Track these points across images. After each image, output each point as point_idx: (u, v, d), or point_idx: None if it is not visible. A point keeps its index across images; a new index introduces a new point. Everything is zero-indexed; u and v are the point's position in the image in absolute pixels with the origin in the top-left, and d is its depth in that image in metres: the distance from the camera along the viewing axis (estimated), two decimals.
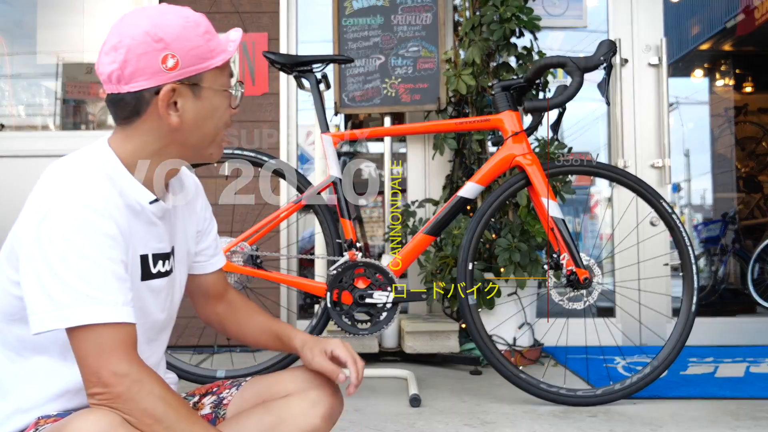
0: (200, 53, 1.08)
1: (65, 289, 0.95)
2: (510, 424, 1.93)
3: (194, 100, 1.09)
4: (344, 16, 3.21)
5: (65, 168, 1.04)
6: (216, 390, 1.29)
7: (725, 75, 6.71)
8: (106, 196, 1.02)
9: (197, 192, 1.32)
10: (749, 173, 6.22)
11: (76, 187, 1.00)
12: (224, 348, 3.08)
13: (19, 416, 1.06)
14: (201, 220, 1.32)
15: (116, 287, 0.98)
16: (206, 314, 1.40)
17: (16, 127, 3.67)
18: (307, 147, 4.97)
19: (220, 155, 1.19)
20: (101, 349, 0.96)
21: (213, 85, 1.11)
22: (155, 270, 1.14)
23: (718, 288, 5.35)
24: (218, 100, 1.12)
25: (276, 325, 1.36)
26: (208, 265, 1.35)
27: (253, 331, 1.37)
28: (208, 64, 1.09)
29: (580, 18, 3.49)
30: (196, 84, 1.09)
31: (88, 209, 0.98)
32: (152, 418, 0.96)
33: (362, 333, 2.20)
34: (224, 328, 1.40)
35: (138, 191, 1.10)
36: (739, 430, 1.86)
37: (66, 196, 0.99)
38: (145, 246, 1.12)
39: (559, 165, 2.26)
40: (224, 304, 1.40)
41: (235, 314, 1.39)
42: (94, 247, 0.97)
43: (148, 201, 1.11)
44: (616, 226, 3.32)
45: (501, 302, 2.75)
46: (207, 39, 1.09)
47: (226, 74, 1.13)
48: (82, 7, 3.61)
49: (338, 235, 2.32)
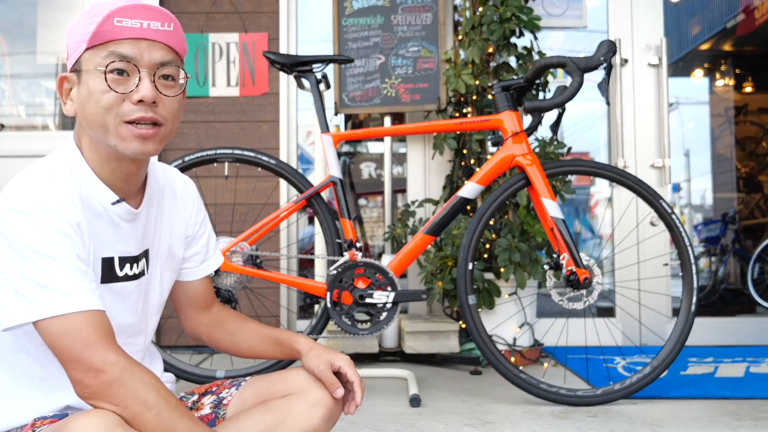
0: (79, 38, 1.05)
1: (31, 284, 0.95)
2: (510, 424, 1.93)
3: (78, 87, 1.07)
4: (344, 16, 3.21)
5: (27, 171, 1.05)
6: (215, 390, 1.28)
7: (725, 75, 6.71)
8: (57, 196, 1.02)
9: (187, 195, 1.29)
10: (749, 173, 6.22)
11: (27, 189, 1.01)
12: None
13: (12, 413, 1.07)
14: (191, 225, 1.30)
15: (80, 278, 0.99)
16: (192, 325, 1.36)
17: (16, 127, 3.67)
18: (307, 147, 4.97)
19: (129, 150, 1.06)
20: (85, 339, 0.95)
21: (88, 66, 1.05)
22: (122, 273, 1.13)
23: (718, 288, 5.34)
24: (93, 81, 1.04)
25: (275, 330, 1.33)
26: (198, 271, 1.33)
27: (248, 339, 1.34)
28: (82, 47, 1.05)
29: (580, 18, 3.49)
30: (77, 70, 1.07)
31: (38, 210, 0.99)
32: (144, 406, 0.95)
33: (362, 333, 2.20)
34: (214, 339, 1.36)
35: (99, 191, 1.09)
36: (739, 430, 1.86)
37: (18, 198, 1.00)
38: (109, 248, 1.11)
39: (559, 165, 2.26)
40: (210, 315, 1.36)
41: (225, 324, 1.35)
42: (50, 245, 0.98)
43: (110, 202, 1.09)
44: (616, 226, 3.32)
45: (501, 302, 2.75)
46: (90, 22, 1.04)
47: (103, 54, 1.03)
48: (82, 7, 3.60)
49: (338, 235, 2.32)
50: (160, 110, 1.07)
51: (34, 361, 1.07)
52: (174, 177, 1.28)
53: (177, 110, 1.11)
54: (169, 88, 1.08)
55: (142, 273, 1.18)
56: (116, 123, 1.04)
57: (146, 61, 1.05)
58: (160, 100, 1.07)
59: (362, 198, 6.14)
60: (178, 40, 1.10)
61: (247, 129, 3.31)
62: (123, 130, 1.05)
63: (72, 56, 1.07)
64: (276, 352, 1.32)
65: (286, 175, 2.37)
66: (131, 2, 1.04)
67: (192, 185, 1.32)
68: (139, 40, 1.04)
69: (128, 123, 1.04)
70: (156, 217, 1.22)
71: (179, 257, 1.29)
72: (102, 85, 1.03)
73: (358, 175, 6.17)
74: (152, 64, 1.05)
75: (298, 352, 1.26)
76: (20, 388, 1.08)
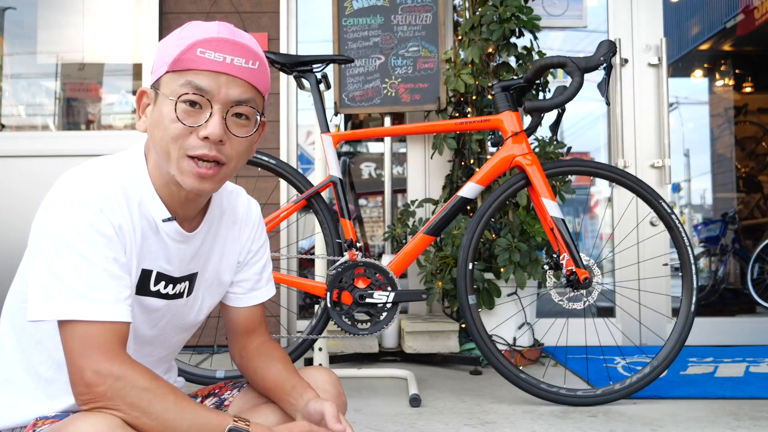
0: (164, 58, 1.03)
1: (58, 282, 0.95)
2: (510, 424, 1.93)
3: (153, 106, 1.05)
4: (344, 16, 3.21)
5: (88, 164, 1.05)
6: (218, 391, 1.29)
7: (725, 75, 6.72)
8: (106, 195, 1.01)
9: (247, 220, 1.24)
10: (749, 173, 6.23)
11: (78, 183, 1.01)
12: (224, 348, 3.08)
13: (17, 409, 1.07)
14: (245, 252, 1.25)
15: (109, 285, 0.98)
16: (233, 352, 1.29)
17: (16, 127, 3.67)
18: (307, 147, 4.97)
19: (186, 184, 1.03)
20: (85, 347, 0.95)
21: (165, 90, 1.02)
22: (154, 288, 1.11)
23: (718, 288, 5.35)
24: (167, 108, 1.01)
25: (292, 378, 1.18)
26: (243, 298, 1.27)
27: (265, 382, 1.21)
28: (164, 68, 1.03)
29: (580, 18, 3.49)
30: (157, 89, 1.04)
31: (83, 206, 0.98)
32: (138, 410, 0.94)
33: (362, 333, 2.20)
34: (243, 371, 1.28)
35: (154, 205, 1.07)
36: (739, 430, 1.86)
37: (67, 191, 0.99)
38: (151, 262, 1.09)
39: (559, 165, 2.26)
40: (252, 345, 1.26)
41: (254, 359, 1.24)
42: (87, 244, 0.97)
43: (161, 218, 1.08)
44: (616, 226, 3.32)
45: (501, 302, 2.75)
46: (177, 45, 1.02)
47: (180, 82, 1.00)
48: (81, 7, 3.61)
49: (338, 235, 2.32)
50: (225, 149, 1.03)
51: (48, 358, 1.07)
52: (238, 200, 1.25)
53: (244, 150, 1.07)
54: (241, 128, 1.04)
55: (178, 295, 1.16)
56: (179, 155, 1.01)
57: (222, 96, 1.01)
58: (228, 139, 1.03)
59: (362, 198, 6.14)
60: (260, 78, 1.05)
61: None
62: (184, 163, 1.02)
63: (155, 73, 1.05)
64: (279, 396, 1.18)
65: (286, 175, 2.37)
66: (222, 35, 1.02)
67: (255, 209, 1.27)
68: (219, 74, 1.00)
69: (190, 157, 1.01)
70: (211, 243, 1.19)
71: (227, 283, 1.24)
72: (173, 113, 1.00)
73: (358, 175, 6.17)
74: (227, 101, 1.02)
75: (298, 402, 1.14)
76: (28, 384, 1.08)
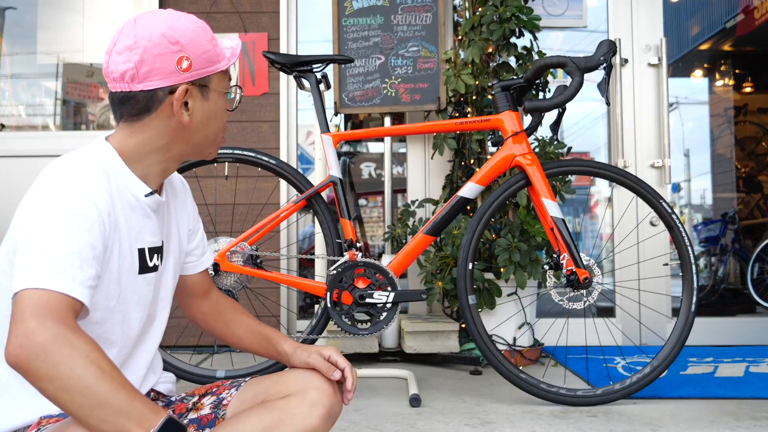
0: (209, 57, 1.16)
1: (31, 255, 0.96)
2: (510, 424, 1.93)
3: (202, 101, 1.17)
4: (344, 16, 3.21)
5: (65, 157, 1.09)
6: (216, 390, 1.29)
7: (725, 75, 6.72)
8: (91, 182, 1.05)
9: (185, 190, 1.37)
10: (749, 173, 6.23)
11: (62, 171, 1.05)
12: (224, 348, 3.08)
13: (21, 412, 1.07)
14: (192, 219, 1.37)
15: (76, 265, 0.97)
16: (191, 313, 1.44)
17: (16, 127, 3.67)
18: (307, 147, 4.97)
19: (215, 154, 1.29)
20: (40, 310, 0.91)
21: (218, 87, 1.20)
22: (151, 264, 1.19)
23: (718, 288, 5.35)
24: (222, 102, 1.21)
25: (266, 328, 1.39)
26: (198, 264, 1.40)
27: (240, 332, 1.40)
28: (216, 68, 1.18)
29: (580, 18, 3.49)
30: (205, 86, 1.17)
31: (67, 190, 1.02)
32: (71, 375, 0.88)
33: (362, 333, 2.20)
34: (210, 327, 1.42)
35: (134, 184, 1.15)
36: (739, 430, 1.86)
37: (54, 178, 1.04)
38: (142, 240, 1.17)
39: (559, 165, 2.26)
40: (209, 302, 1.43)
41: (222, 314, 1.42)
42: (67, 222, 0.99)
43: (143, 194, 1.15)
44: (616, 226, 3.32)
45: (501, 302, 2.75)
46: (214, 44, 1.18)
47: (227, 78, 1.22)
48: (82, 7, 3.61)
49: (338, 235, 2.33)
50: None
51: None
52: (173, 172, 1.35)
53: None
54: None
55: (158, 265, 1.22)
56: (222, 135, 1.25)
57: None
58: None
59: (362, 198, 6.14)
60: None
61: (247, 129, 3.31)
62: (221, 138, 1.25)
63: (198, 71, 1.15)
64: (262, 349, 1.38)
65: (286, 175, 2.37)
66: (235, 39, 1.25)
67: (184, 179, 1.40)
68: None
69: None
70: (171, 212, 1.29)
71: (185, 251, 1.35)
72: (224, 106, 1.22)
73: (358, 175, 6.17)
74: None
75: (285, 353, 1.32)
76: (28, 387, 1.08)
